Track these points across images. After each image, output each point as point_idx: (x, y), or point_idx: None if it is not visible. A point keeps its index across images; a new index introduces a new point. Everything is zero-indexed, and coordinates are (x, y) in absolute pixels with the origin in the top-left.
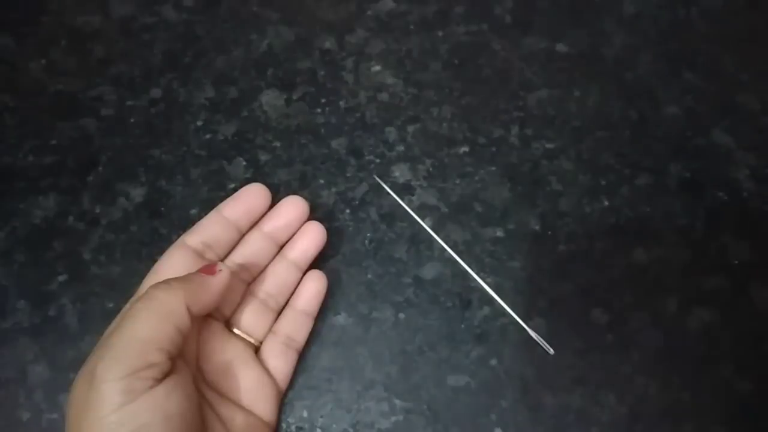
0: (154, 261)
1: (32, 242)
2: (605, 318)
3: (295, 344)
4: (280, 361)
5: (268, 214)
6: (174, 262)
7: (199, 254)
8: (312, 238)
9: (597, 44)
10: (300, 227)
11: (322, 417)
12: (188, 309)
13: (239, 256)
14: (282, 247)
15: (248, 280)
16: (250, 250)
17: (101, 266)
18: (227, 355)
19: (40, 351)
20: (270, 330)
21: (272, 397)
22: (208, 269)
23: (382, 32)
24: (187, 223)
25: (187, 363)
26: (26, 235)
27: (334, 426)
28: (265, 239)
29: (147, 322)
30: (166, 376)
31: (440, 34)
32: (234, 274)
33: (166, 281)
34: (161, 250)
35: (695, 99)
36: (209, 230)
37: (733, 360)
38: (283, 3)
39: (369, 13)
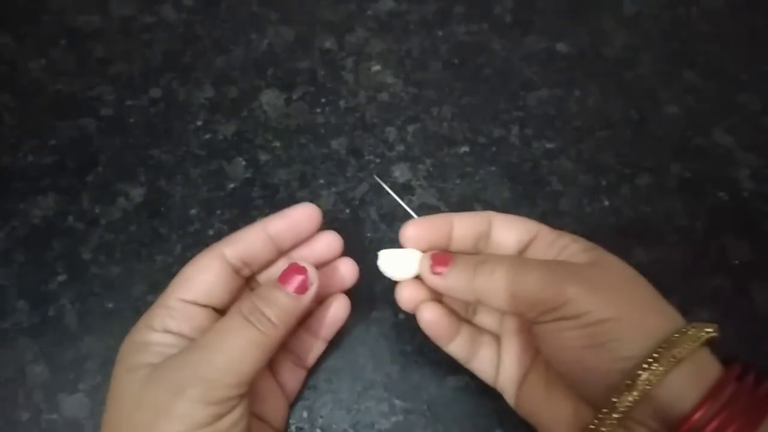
0: (154, 261)
1: (32, 242)
2: None
3: (306, 363)
4: (289, 376)
5: (305, 243)
6: (209, 274)
7: (236, 270)
8: (346, 276)
9: (597, 44)
10: (331, 260)
11: (322, 417)
12: (281, 342)
13: (266, 276)
14: None
15: None
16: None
17: (101, 266)
18: None
19: (39, 351)
20: (282, 348)
21: (282, 407)
22: (300, 287)
23: (382, 32)
24: (187, 223)
25: None
26: (26, 235)
27: (334, 426)
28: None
29: (254, 358)
30: (243, 397)
31: (440, 33)
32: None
33: (273, 310)
34: (161, 250)
35: (696, 99)
36: (250, 245)
37: None
38: (283, 3)
39: (369, 12)
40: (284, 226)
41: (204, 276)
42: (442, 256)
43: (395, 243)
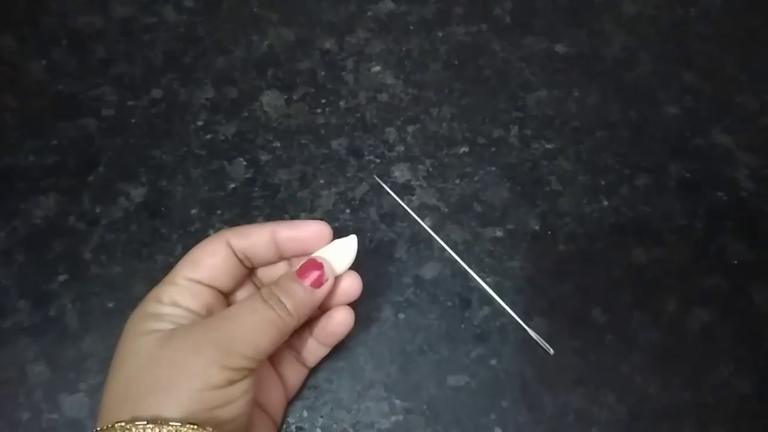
0: (155, 261)
1: (33, 242)
2: (605, 318)
3: (307, 363)
4: (290, 371)
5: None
6: (216, 259)
7: (239, 260)
8: (350, 289)
9: (596, 45)
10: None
11: (322, 417)
12: (292, 331)
13: (266, 273)
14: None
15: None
16: (277, 272)
17: (102, 266)
18: None
19: (40, 351)
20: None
21: (280, 399)
22: (316, 281)
23: (382, 33)
24: (187, 223)
25: None
26: (27, 235)
27: (334, 426)
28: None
29: (270, 338)
30: (253, 371)
31: (440, 34)
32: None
33: (290, 301)
34: (162, 250)
35: (694, 99)
36: (254, 243)
37: (732, 360)
38: (284, 4)
39: (369, 13)
40: (292, 237)
41: (210, 260)
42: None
43: (395, 243)
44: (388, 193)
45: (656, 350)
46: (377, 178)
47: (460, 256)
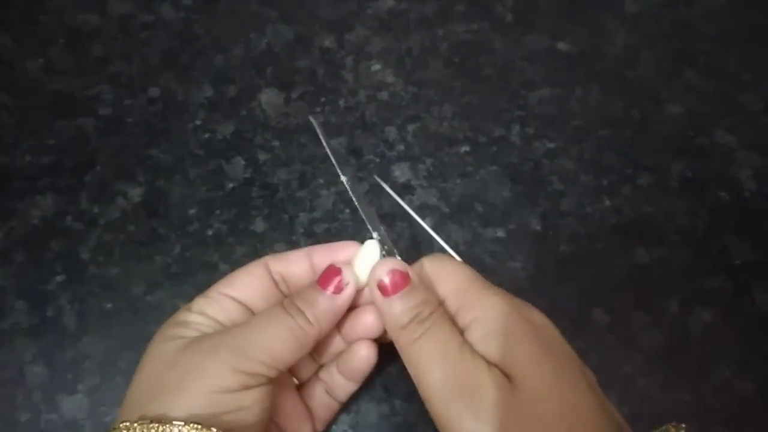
0: (153, 261)
1: (30, 242)
2: (606, 318)
3: (338, 398)
4: (318, 403)
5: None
6: (251, 277)
7: (276, 283)
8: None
9: (599, 43)
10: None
11: None
12: (316, 342)
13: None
14: None
15: None
16: None
17: (99, 266)
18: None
19: (38, 351)
20: (315, 375)
21: (304, 428)
22: (337, 287)
23: (382, 31)
24: (185, 223)
25: None
26: (24, 235)
27: (334, 426)
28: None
29: (288, 345)
30: (270, 380)
31: (440, 32)
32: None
33: (309, 308)
34: (160, 250)
35: (697, 98)
36: (291, 265)
37: (734, 360)
38: (283, 1)
39: (369, 11)
40: (327, 260)
41: (246, 278)
42: (401, 275)
43: (396, 243)
44: (389, 193)
45: (658, 351)
46: (377, 178)
47: (460, 257)
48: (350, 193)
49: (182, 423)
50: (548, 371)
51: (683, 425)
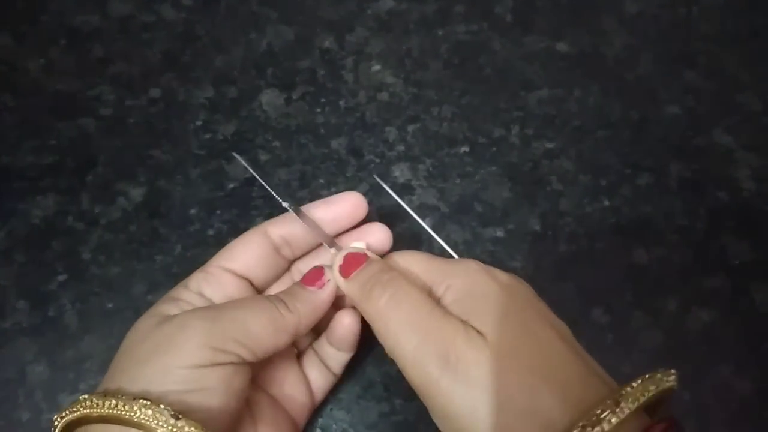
0: (154, 261)
1: (32, 242)
2: (606, 318)
3: (333, 369)
4: (316, 374)
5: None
6: (251, 248)
7: (276, 248)
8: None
9: (598, 44)
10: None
11: (321, 417)
12: (297, 331)
13: (305, 264)
14: None
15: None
16: (318, 261)
17: (100, 266)
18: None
19: (39, 351)
20: (310, 345)
21: (303, 399)
22: (319, 284)
23: (382, 31)
24: (186, 223)
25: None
26: (25, 235)
27: (334, 426)
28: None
29: (263, 327)
30: (243, 362)
31: (440, 33)
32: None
33: (289, 298)
34: (161, 250)
35: (696, 99)
36: (293, 226)
37: (733, 360)
38: (283, 2)
39: (369, 12)
40: (327, 212)
41: (245, 247)
42: (354, 257)
43: (395, 243)
44: (389, 193)
45: (657, 350)
46: (377, 178)
47: (460, 257)
48: (299, 219)
49: (131, 397)
50: (517, 325)
51: (672, 371)
